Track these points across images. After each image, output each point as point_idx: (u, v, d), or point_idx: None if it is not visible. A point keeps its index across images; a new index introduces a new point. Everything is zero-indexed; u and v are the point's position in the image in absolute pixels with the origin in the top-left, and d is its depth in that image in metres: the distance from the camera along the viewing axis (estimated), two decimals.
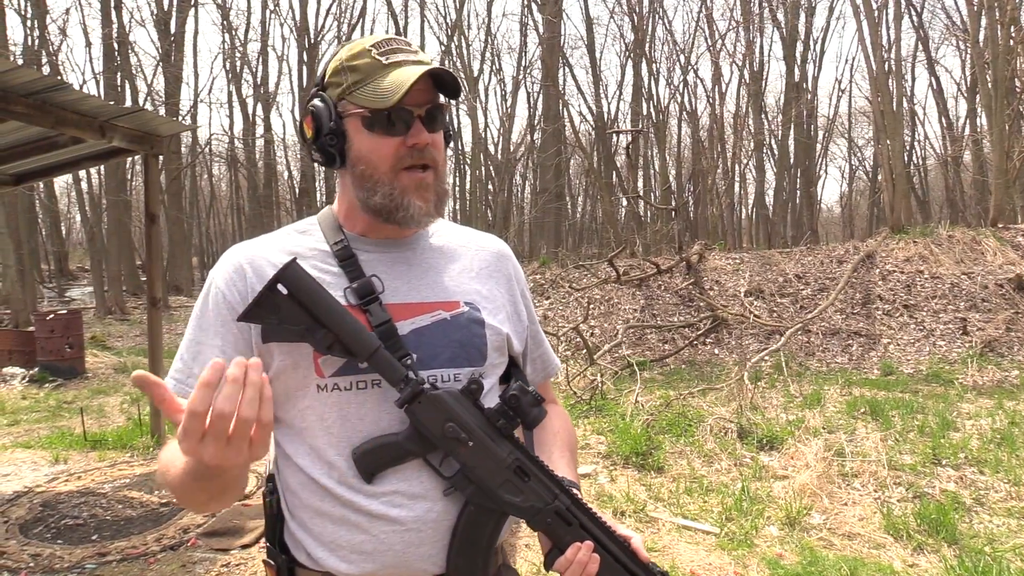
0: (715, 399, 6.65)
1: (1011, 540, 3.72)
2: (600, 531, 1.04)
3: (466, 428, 1.01)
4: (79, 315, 10.04)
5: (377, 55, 1.06)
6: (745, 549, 3.67)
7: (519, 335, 1.23)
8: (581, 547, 1.02)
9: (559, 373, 6.07)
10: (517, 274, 1.29)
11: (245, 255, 1.11)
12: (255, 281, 1.07)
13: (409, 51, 1.08)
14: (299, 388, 1.06)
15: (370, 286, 1.08)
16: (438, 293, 1.13)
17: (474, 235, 1.28)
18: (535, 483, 1.03)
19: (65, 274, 26.36)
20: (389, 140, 1.06)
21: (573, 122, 22.96)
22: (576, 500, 1.05)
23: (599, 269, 11.91)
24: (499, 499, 1.02)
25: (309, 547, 1.07)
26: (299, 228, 1.18)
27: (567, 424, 1.31)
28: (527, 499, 1.03)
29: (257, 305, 1.00)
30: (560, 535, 1.03)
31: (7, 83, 4.37)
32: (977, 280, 9.86)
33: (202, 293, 1.12)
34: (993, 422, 5.89)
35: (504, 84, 29.64)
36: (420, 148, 1.07)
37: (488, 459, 1.02)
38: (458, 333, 1.11)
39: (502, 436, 1.03)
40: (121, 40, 19.86)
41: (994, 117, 13.77)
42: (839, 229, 35.48)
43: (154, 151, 5.94)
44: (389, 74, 1.05)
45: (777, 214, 26.13)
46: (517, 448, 1.04)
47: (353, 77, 1.07)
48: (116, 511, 4.31)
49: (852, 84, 44.66)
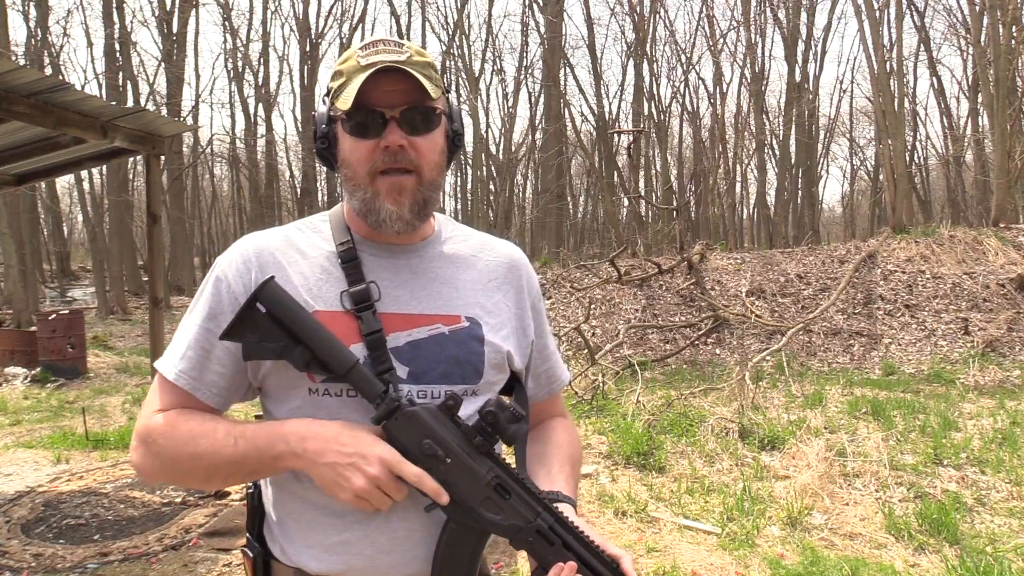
0: (716, 399, 6.65)
1: (1012, 540, 3.71)
2: (585, 550, 1.01)
3: (443, 445, 0.99)
4: (81, 315, 10.05)
5: (359, 57, 1.05)
6: (746, 549, 3.67)
7: (522, 350, 1.21)
8: (564, 568, 0.99)
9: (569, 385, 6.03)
10: (530, 285, 1.25)
11: (254, 247, 1.11)
12: (259, 275, 1.07)
13: (390, 50, 1.05)
14: (292, 388, 1.06)
15: (366, 293, 1.06)
16: (440, 306, 1.11)
17: (488, 242, 1.25)
18: (516, 501, 1.01)
19: (67, 274, 26.40)
20: (364, 143, 1.05)
21: (574, 122, 23.01)
22: (560, 518, 1.02)
23: (600, 269, 11.91)
24: (479, 517, 1.00)
25: (284, 542, 1.09)
26: (311, 224, 1.18)
27: (572, 438, 1.29)
28: (507, 517, 1.00)
29: (238, 323, 1.01)
30: (542, 555, 1.00)
31: (9, 83, 4.38)
32: (979, 280, 9.84)
33: (207, 280, 1.11)
34: (995, 422, 5.88)
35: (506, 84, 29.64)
36: (393, 151, 1.04)
37: (466, 476, 0.99)
38: (455, 349, 1.09)
39: (480, 453, 1.01)
40: (123, 40, 19.89)
41: (996, 117, 13.76)
42: (840, 229, 35.43)
43: (156, 151, 5.95)
44: (363, 78, 1.02)
45: (779, 214, 26.11)
46: (497, 465, 1.02)
47: (338, 81, 1.07)
48: (118, 511, 4.31)
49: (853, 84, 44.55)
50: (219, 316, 1.06)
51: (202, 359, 1.06)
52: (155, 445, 1.04)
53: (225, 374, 1.07)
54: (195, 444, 1.02)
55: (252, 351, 1.02)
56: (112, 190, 19.11)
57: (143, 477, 1.10)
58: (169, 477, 1.12)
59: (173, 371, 1.06)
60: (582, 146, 23.94)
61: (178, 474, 1.08)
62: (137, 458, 1.07)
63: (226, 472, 1.04)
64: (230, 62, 26.50)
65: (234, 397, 1.10)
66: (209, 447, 1.01)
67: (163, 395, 1.08)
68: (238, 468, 1.03)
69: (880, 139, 19.20)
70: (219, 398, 1.08)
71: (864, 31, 14.57)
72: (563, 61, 25.05)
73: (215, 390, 1.07)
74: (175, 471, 1.07)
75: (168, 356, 1.09)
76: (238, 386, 1.09)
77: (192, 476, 1.08)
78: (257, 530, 1.15)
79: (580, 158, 28.05)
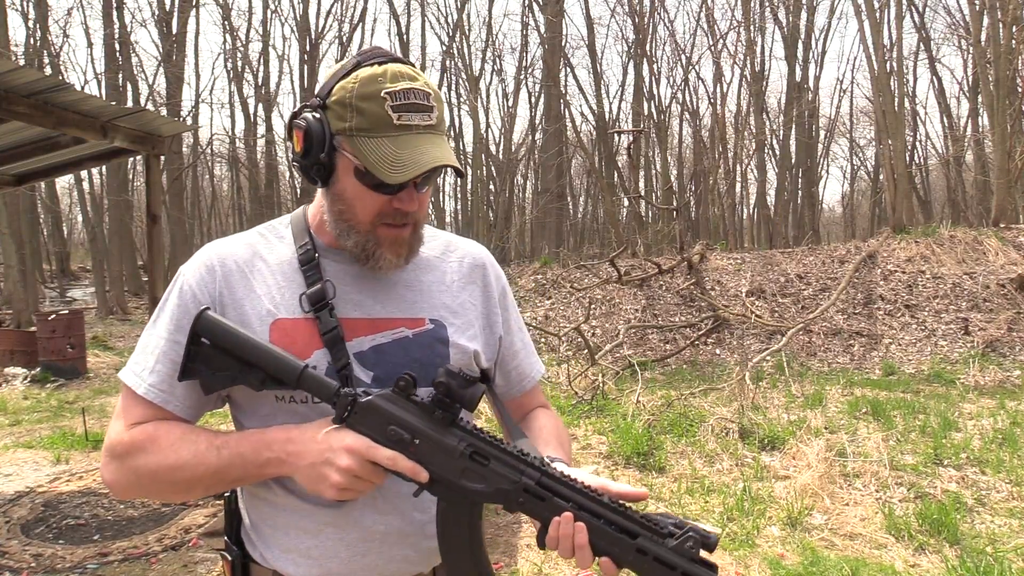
0: (716, 399, 6.65)
1: (1013, 540, 3.71)
2: (581, 496, 0.97)
3: (407, 427, 0.98)
4: (81, 315, 10.05)
5: (390, 109, 1.00)
6: (747, 549, 3.67)
7: (491, 349, 1.21)
8: (560, 521, 0.96)
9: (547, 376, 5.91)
10: (498, 282, 1.25)
11: (217, 254, 1.10)
12: (222, 283, 1.07)
13: (423, 111, 1.02)
14: (259, 397, 1.06)
15: (322, 293, 1.06)
16: (403, 309, 1.12)
17: (452, 243, 1.25)
18: (496, 464, 0.98)
19: (67, 274, 26.38)
20: (377, 197, 1.04)
21: (574, 122, 23.00)
22: (545, 471, 0.98)
23: (600, 269, 11.91)
24: (464, 489, 0.98)
25: (261, 546, 1.09)
26: (273, 230, 1.16)
27: (556, 422, 1.28)
28: (491, 484, 0.98)
29: (187, 362, 1.02)
30: (538, 512, 0.97)
31: (9, 83, 4.38)
32: (979, 280, 9.84)
33: (172, 289, 1.09)
34: (995, 422, 5.88)
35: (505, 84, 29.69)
36: (405, 212, 1.05)
37: (439, 453, 0.98)
38: (419, 352, 1.09)
39: (446, 426, 0.99)
40: (123, 40, 19.89)
41: (996, 116, 13.75)
42: (841, 229, 35.41)
43: (156, 151, 5.95)
44: (397, 139, 1.00)
45: (779, 214, 26.08)
46: (468, 434, 0.99)
47: (358, 121, 1.01)
48: (118, 511, 4.31)
49: (854, 84, 44.50)
50: (186, 327, 1.04)
51: (172, 372, 1.04)
52: (131, 459, 1.02)
53: (196, 386, 1.05)
54: (176, 455, 1.00)
55: (210, 384, 1.03)
56: (112, 190, 19.12)
57: (116, 493, 1.07)
58: (145, 491, 1.07)
59: (143, 385, 1.05)
60: (582, 146, 23.93)
61: (155, 487, 1.04)
62: (110, 475, 1.04)
63: (208, 483, 1.02)
64: (230, 62, 26.49)
65: (205, 408, 1.10)
66: (191, 458, 1.00)
67: (133, 408, 1.05)
68: (221, 479, 1.01)
69: (880, 139, 19.20)
70: (191, 410, 1.07)
71: (864, 31, 14.58)
72: (563, 61, 25.05)
73: (188, 403, 1.06)
74: (152, 484, 1.03)
75: (135, 369, 1.07)
76: (208, 399, 1.08)
77: (171, 489, 1.04)
78: (235, 534, 1.14)
79: (580, 158, 28.05)
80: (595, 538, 0.96)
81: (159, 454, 1.01)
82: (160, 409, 1.05)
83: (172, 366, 1.04)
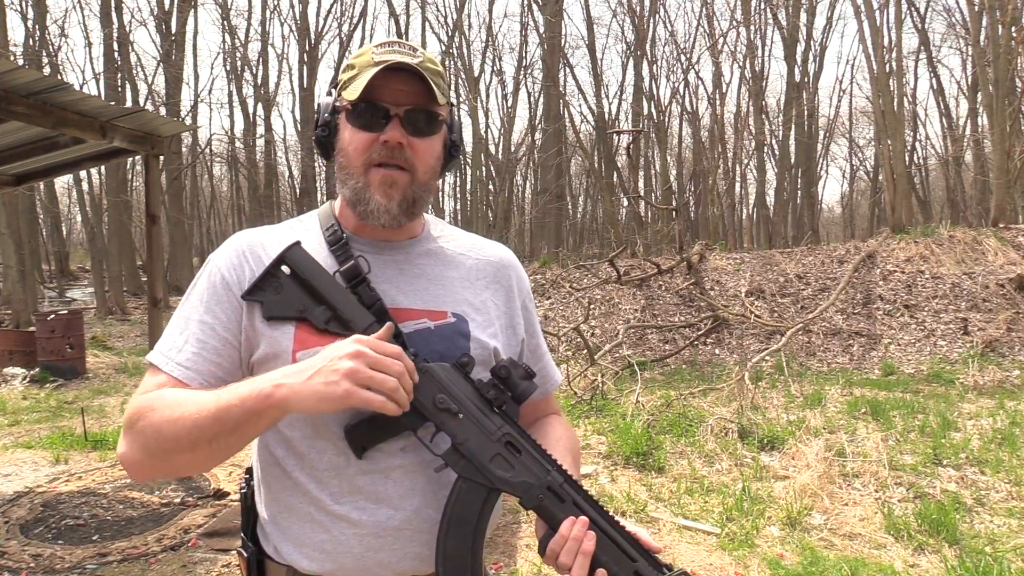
0: (716, 399, 6.65)
1: (1012, 540, 3.71)
2: (595, 511, 1.01)
3: (456, 400, 1.01)
4: (80, 315, 10.05)
5: (374, 52, 1.08)
6: (746, 549, 3.67)
7: (511, 349, 1.22)
8: (576, 522, 0.97)
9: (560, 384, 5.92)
10: (520, 285, 1.27)
11: (247, 241, 1.14)
12: (253, 266, 1.10)
13: (405, 52, 1.07)
14: None
15: (357, 268, 1.08)
16: (426, 301, 1.13)
17: (478, 243, 1.27)
18: (527, 458, 1.01)
19: (66, 274, 26.37)
20: (364, 135, 1.08)
21: (574, 122, 22.98)
22: (569, 479, 1.02)
23: (600, 269, 11.91)
24: (490, 473, 1.00)
25: (276, 541, 1.10)
26: (300, 222, 1.21)
27: (569, 432, 1.29)
28: (518, 474, 1.00)
29: (262, 281, 1.06)
30: (554, 512, 1.00)
31: (8, 83, 4.38)
32: (978, 280, 9.85)
33: (201, 275, 1.12)
34: (994, 422, 5.88)
35: (505, 84, 29.58)
36: (392, 146, 1.07)
37: (478, 432, 1.01)
38: (440, 344, 1.09)
39: (492, 410, 1.02)
40: (121, 40, 19.88)
41: (995, 117, 13.76)
42: (840, 229, 35.45)
43: (155, 151, 5.95)
44: (374, 70, 1.05)
45: (778, 214, 26.11)
46: (508, 422, 1.02)
47: (349, 73, 1.10)
48: (117, 511, 4.30)
49: (853, 84, 44.61)
50: (216, 310, 1.07)
51: (200, 353, 1.06)
52: (140, 422, 1.00)
53: (223, 365, 1.07)
54: (178, 408, 0.98)
55: (273, 308, 1.06)
56: (111, 190, 19.10)
57: (130, 470, 1.05)
58: (152, 456, 1.01)
59: (170, 364, 1.05)
60: (581, 146, 23.93)
61: (159, 446, 0.99)
62: (122, 448, 1.03)
63: (209, 432, 0.96)
64: (229, 62, 26.49)
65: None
66: (191, 406, 0.97)
67: (154, 384, 1.06)
68: (222, 425, 0.95)
69: (879, 139, 19.22)
70: (215, 388, 1.07)
71: (864, 31, 14.58)
72: (563, 61, 25.07)
73: (212, 380, 1.06)
74: (157, 444, 0.99)
75: (162, 349, 1.08)
76: (233, 376, 1.09)
77: (174, 445, 0.98)
78: (251, 530, 1.15)
79: (579, 158, 28.07)
80: (600, 551, 0.98)
81: (163, 410, 0.99)
82: (184, 385, 1.05)
83: (201, 347, 1.06)
